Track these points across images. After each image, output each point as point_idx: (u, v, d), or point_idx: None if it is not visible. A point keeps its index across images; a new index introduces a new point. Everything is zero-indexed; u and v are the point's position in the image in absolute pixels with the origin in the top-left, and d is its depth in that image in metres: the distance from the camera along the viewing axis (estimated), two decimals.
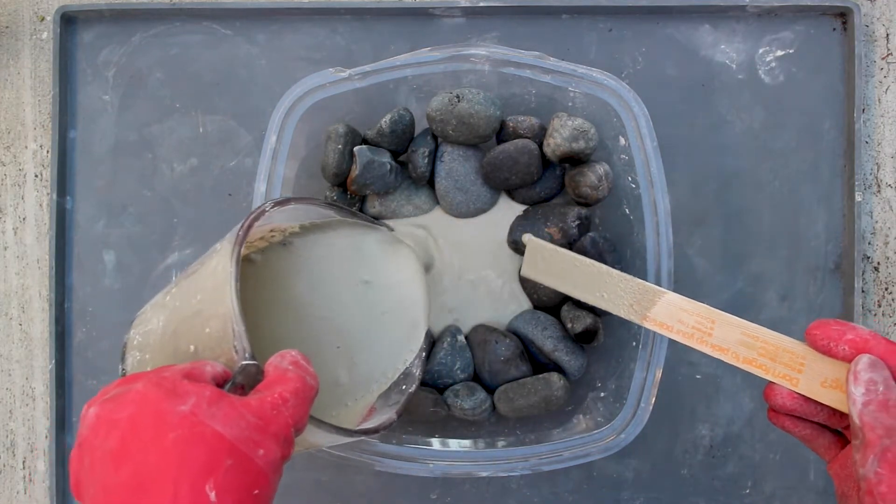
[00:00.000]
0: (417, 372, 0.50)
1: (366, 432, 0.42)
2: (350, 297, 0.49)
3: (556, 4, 0.56)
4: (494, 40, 0.57)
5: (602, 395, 0.52)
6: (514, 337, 0.53)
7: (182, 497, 0.29)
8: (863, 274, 0.56)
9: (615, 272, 0.44)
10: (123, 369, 0.41)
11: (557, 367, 0.52)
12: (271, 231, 0.46)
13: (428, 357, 0.52)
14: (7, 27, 0.59)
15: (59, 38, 0.57)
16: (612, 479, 0.56)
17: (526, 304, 0.54)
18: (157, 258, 0.58)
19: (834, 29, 0.56)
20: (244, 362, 0.35)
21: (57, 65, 0.57)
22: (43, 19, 0.59)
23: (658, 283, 0.48)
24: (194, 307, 0.38)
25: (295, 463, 0.57)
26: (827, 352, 0.36)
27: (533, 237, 0.49)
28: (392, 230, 0.52)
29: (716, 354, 0.40)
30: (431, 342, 0.53)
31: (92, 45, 0.58)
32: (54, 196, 0.57)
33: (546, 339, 0.52)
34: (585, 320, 0.51)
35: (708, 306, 0.41)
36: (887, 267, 0.56)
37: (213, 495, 0.30)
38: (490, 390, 0.53)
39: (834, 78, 0.56)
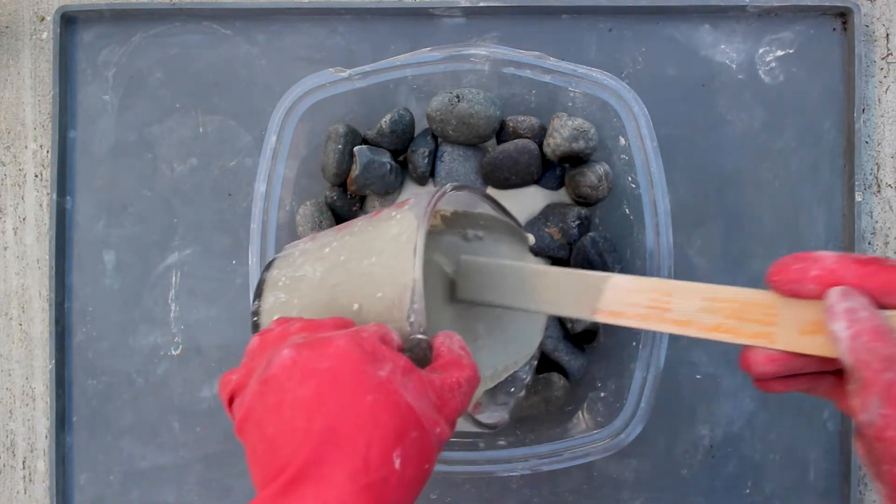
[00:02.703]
0: (527, 378, 0.50)
1: (487, 426, 0.43)
2: None
3: (556, 4, 0.56)
4: (494, 40, 0.57)
5: (602, 395, 0.52)
6: None
7: (372, 459, 0.30)
8: None
9: (552, 269, 0.41)
10: (258, 305, 0.42)
11: (557, 367, 0.52)
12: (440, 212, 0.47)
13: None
14: (7, 27, 0.59)
15: (59, 38, 0.57)
16: (612, 479, 0.56)
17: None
18: (157, 258, 0.58)
19: (834, 29, 0.56)
20: (419, 337, 0.35)
21: (57, 65, 0.57)
22: (43, 19, 0.59)
23: None
24: (366, 268, 0.38)
25: None
26: (794, 295, 0.32)
27: (465, 256, 0.46)
28: (529, 240, 0.50)
29: (678, 331, 0.36)
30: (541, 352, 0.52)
31: (92, 45, 0.58)
32: (54, 196, 0.57)
33: (546, 339, 0.52)
34: (585, 321, 0.51)
35: (659, 278, 0.37)
36: None
37: (397, 463, 0.30)
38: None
39: (834, 78, 0.56)
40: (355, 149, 0.51)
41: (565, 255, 0.53)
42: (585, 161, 0.52)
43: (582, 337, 0.52)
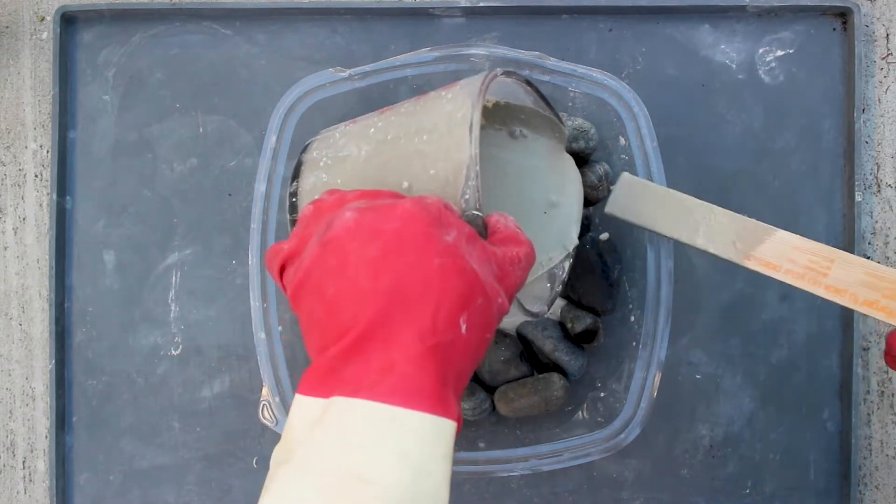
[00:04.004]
0: (563, 275, 0.49)
1: (531, 313, 0.42)
2: (525, 188, 0.49)
3: (556, 4, 0.56)
4: (494, 40, 0.57)
5: (602, 395, 0.52)
6: (514, 337, 0.53)
7: (440, 320, 0.29)
8: None
9: (717, 208, 0.42)
10: (297, 186, 0.42)
11: (557, 368, 0.52)
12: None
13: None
14: (7, 27, 0.59)
15: (59, 38, 0.57)
16: (612, 479, 0.56)
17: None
18: (157, 258, 0.58)
19: (834, 29, 0.56)
20: (475, 212, 0.35)
21: (57, 65, 0.57)
22: (43, 19, 0.59)
23: (658, 284, 0.48)
24: (416, 146, 0.38)
25: None
26: None
27: (626, 173, 0.46)
28: (563, 131, 0.49)
29: (830, 296, 0.38)
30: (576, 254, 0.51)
31: (92, 45, 0.58)
32: (54, 196, 0.57)
33: (546, 339, 0.52)
34: (585, 320, 0.51)
35: (827, 245, 0.39)
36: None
37: (463, 327, 0.30)
38: (490, 390, 0.53)
39: (834, 78, 0.56)
40: None
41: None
42: (585, 161, 0.52)
43: (582, 337, 0.52)
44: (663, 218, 0.44)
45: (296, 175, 0.42)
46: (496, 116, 0.48)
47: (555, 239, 0.49)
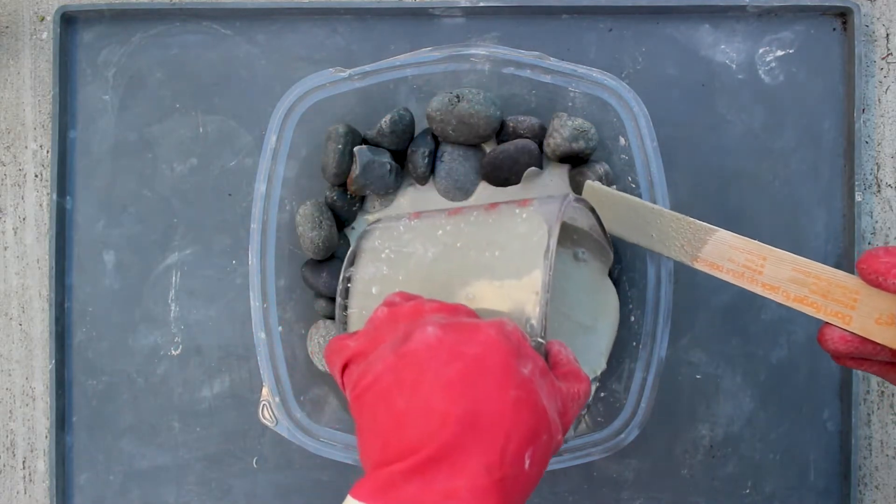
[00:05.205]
0: (588, 400, 0.50)
1: None
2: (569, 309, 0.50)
3: (556, 4, 0.56)
4: (494, 40, 0.57)
5: (602, 395, 0.52)
6: None
7: (508, 454, 0.29)
8: None
9: (667, 212, 0.43)
10: (353, 272, 0.42)
11: None
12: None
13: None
14: (7, 27, 0.59)
15: (59, 38, 0.57)
16: (612, 479, 0.56)
17: None
18: (157, 258, 0.58)
19: (834, 29, 0.56)
20: (539, 340, 0.35)
21: (57, 65, 0.57)
22: (43, 19, 0.59)
23: (658, 283, 0.48)
24: (486, 260, 0.38)
25: (294, 462, 0.57)
26: (877, 286, 0.33)
27: (591, 181, 0.48)
28: (611, 259, 0.51)
29: (766, 294, 0.38)
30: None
31: (92, 45, 0.58)
32: (54, 196, 0.57)
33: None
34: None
35: (759, 242, 0.39)
36: None
37: (527, 462, 0.30)
38: None
39: (834, 78, 0.56)
40: (355, 149, 0.51)
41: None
42: (585, 161, 0.52)
43: None
44: (624, 223, 0.45)
45: (352, 261, 0.43)
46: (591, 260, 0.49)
47: (584, 362, 0.49)
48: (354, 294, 0.42)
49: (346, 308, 0.43)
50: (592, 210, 0.46)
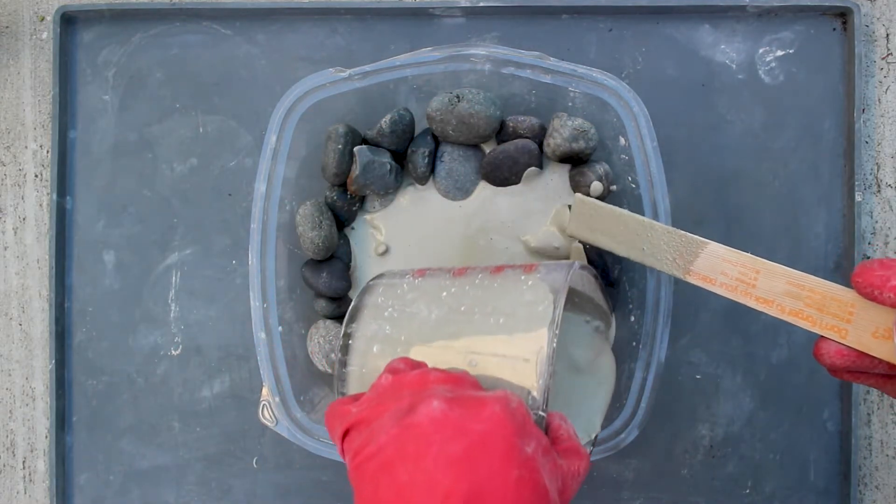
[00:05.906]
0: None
1: None
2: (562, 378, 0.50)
3: (556, 4, 0.56)
4: (494, 40, 0.57)
5: None
6: None
7: None
8: None
9: (658, 225, 0.42)
10: (355, 328, 0.41)
11: None
12: None
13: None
14: (7, 27, 0.59)
15: (59, 38, 0.57)
16: (612, 479, 0.56)
17: None
18: (157, 258, 0.58)
19: (834, 29, 0.56)
20: (540, 413, 0.35)
21: (57, 65, 0.57)
22: (43, 19, 0.59)
23: (658, 283, 0.48)
24: (490, 327, 0.38)
25: (294, 462, 0.57)
26: (873, 299, 0.33)
27: (581, 195, 0.48)
28: (610, 322, 0.51)
29: (760, 307, 0.38)
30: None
31: (92, 45, 0.58)
32: (54, 196, 0.57)
33: None
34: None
35: (752, 255, 0.38)
36: None
37: None
38: None
39: (834, 78, 0.56)
40: (355, 149, 0.51)
41: (565, 254, 0.53)
42: (585, 161, 0.52)
43: None
44: (615, 237, 0.44)
45: (353, 317, 0.42)
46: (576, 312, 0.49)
47: (579, 425, 0.49)
48: (355, 351, 0.42)
49: (345, 365, 0.42)
50: (596, 277, 0.46)
